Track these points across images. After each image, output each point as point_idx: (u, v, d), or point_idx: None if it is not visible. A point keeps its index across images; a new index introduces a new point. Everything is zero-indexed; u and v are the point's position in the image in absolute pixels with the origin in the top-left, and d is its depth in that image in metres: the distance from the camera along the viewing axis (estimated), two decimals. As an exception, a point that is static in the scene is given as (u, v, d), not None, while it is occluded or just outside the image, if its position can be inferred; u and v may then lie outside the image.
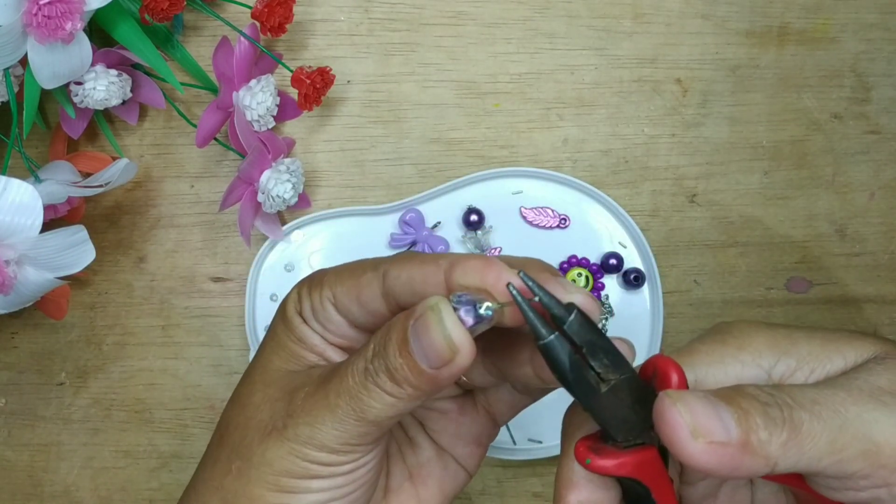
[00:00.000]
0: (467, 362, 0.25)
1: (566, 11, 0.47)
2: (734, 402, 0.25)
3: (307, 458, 0.27)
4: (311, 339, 0.30)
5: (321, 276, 0.30)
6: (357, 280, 0.29)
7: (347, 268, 0.30)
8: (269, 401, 0.29)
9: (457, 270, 0.26)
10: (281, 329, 0.30)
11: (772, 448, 0.25)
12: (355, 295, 0.29)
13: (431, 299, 0.26)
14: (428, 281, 0.27)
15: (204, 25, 0.47)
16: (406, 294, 0.27)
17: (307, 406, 0.28)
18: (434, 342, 0.25)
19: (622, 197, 0.47)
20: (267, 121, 0.44)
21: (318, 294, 0.29)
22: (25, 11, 0.35)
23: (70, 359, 0.48)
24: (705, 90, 0.48)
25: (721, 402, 0.25)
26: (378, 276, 0.28)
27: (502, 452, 0.46)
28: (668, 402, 0.25)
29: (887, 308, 0.48)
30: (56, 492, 0.47)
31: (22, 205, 0.36)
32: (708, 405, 0.25)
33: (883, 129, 0.48)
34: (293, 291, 0.31)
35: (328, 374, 0.28)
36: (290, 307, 0.30)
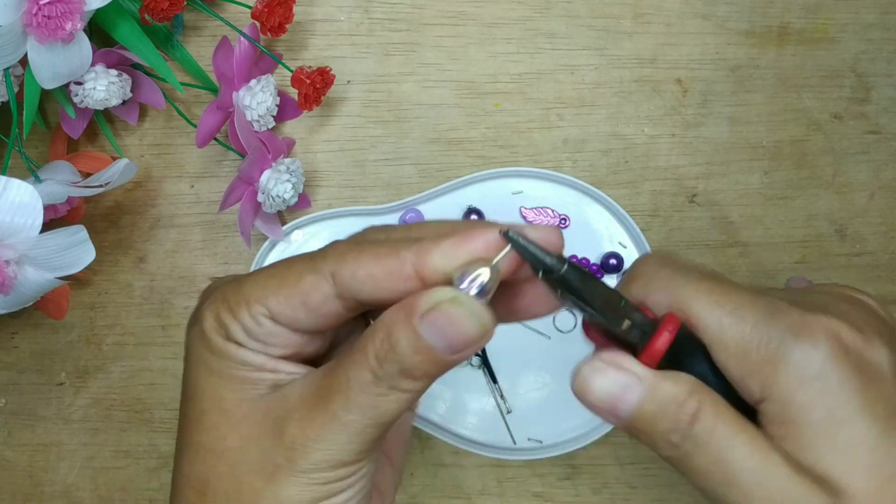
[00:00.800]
0: (492, 335, 0.25)
1: (566, 11, 0.47)
2: None
3: (328, 481, 0.27)
4: (255, 360, 0.27)
5: (239, 292, 0.27)
6: (296, 286, 0.27)
7: (273, 275, 0.27)
8: (250, 440, 0.27)
9: (433, 257, 0.25)
10: (216, 361, 0.28)
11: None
12: (299, 302, 0.27)
13: (440, 292, 0.25)
14: (393, 276, 0.25)
15: (204, 25, 0.47)
16: (367, 292, 0.26)
17: (312, 433, 0.26)
18: (466, 332, 0.25)
19: (622, 197, 0.47)
20: (267, 121, 0.44)
21: (244, 312, 0.27)
22: (25, 11, 0.35)
23: (70, 359, 0.48)
24: (705, 90, 0.48)
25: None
26: (323, 277, 0.26)
27: (502, 452, 0.46)
28: (583, 368, 0.27)
29: (887, 308, 0.48)
30: (56, 492, 0.47)
31: (22, 205, 0.36)
32: (611, 391, 0.27)
33: (883, 129, 0.48)
34: (206, 318, 0.28)
35: (319, 393, 0.26)
36: (213, 336, 0.27)
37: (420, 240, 0.26)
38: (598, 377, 0.27)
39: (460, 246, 0.25)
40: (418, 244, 0.26)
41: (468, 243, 0.25)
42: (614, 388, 0.27)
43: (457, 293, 0.25)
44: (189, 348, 0.29)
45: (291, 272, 0.27)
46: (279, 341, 0.27)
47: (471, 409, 0.46)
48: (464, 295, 0.25)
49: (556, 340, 0.46)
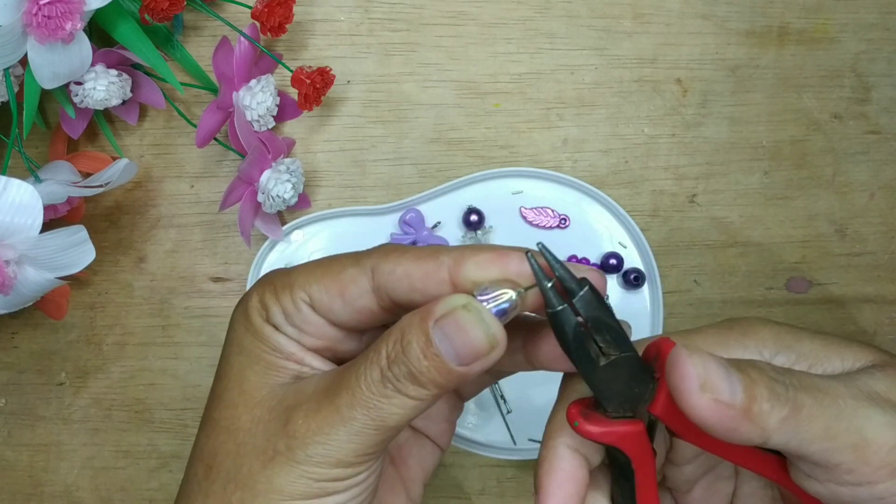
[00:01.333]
0: (501, 354, 0.26)
1: (566, 11, 0.47)
2: (745, 371, 0.26)
3: (322, 478, 0.27)
4: (286, 347, 0.28)
5: (286, 278, 0.29)
6: (337, 276, 0.28)
7: (319, 265, 0.28)
8: (260, 423, 0.28)
9: (468, 266, 0.26)
10: (249, 341, 0.29)
11: (771, 420, 0.25)
12: (338, 292, 0.27)
13: (457, 298, 0.25)
14: (429, 278, 0.26)
15: (204, 25, 0.47)
16: (402, 290, 0.27)
17: (314, 425, 0.26)
18: (472, 340, 0.25)
19: (622, 197, 0.47)
20: (267, 121, 0.44)
21: (287, 296, 0.28)
22: (25, 11, 0.35)
23: (70, 359, 0.48)
24: (705, 90, 0.48)
25: (732, 367, 0.25)
26: (364, 271, 0.27)
27: (502, 452, 0.46)
28: (685, 353, 0.25)
29: (887, 308, 0.48)
30: (56, 492, 0.47)
31: (22, 205, 0.36)
32: (720, 366, 0.25)
33: (883, 129, 0.48)
34: (252, 297, 0.29)
35: (330, 387, 0.27)
36: (254, 316, 0.29)
37: (461, 249, 0.26)
38: (710, 362, 0.25)
39: (495, 261, 0.26)
40: (459, 251, 0.26)
41: (503, 260, 0.26)
42: (722, 371, 0.25)
43: (470, 299, 0.25)
44: (230, 325, 0.30)
45: (336, 263, 0.28)
46: (314, 330, 0.28)
47: (471, 409, 0.46)
48: (477, 303, 0.25)
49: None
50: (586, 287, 0.26)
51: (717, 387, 0.25)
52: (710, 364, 0.25)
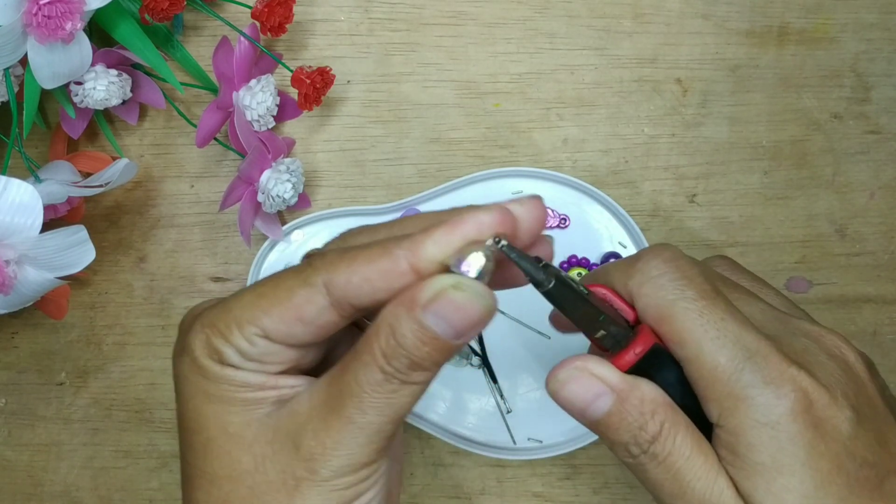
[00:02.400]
0: (495, 312, 0.26)
1: (566, 11, 0.47)
2: None
3: (351, 485, 0.26)
4: (254, 380, 0.27)
5: (227, 315, 0.27)
6: (289, 303, 0.26)
7: (262, 294, 0.27)
8: (267, 460, 0.27)
9: (427, 249, 0.25)
10: (214, 387, 0.27)
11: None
12: (294, 318, 0.26)
13: (442, 280, 0.25)
14: (389, 276, 0.25)
15: (204, 25, 0.47)
16: (364, 296, 0.26)
17: (329, 441, 0.26)
18: (472, 315, 0.25)
19: (622, 197, 0.47)
20: (267, 121, 0.44)
21: (237, 335, 0.27)
22: (25, 11, 0.35)
23: (70, 359, 0.48)
24: (705, 90, 0.48)
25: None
26: (316, 289, 0.26)
27: (502, 452, 0.46)
28: (560, 370, 0.29)
29: (887, 308, 0.48)
30: (56, 492, 0.47)
31: (22, 205, 0.36)
32: (584, 396, 0.29)
33: (883, 129, 0.48)
34: (195, 346, 0.27)
35: (328, 402, 0.26)
36: (207, 363, 0.27)
37: (409, 235, 0.26)
38: (572, 384, 0.29)
39: (452, 232, 0.25)
40: (409, 239, 0.25)
41: (460, 228, 0.25)
42: (587, 395, 0.29)
43: (459, 278, 0.25)
44: (181, 379, 0.28)
45: (280, 288, 0.26)
46: (276, 358, 0.27)
47: (471, 409, 0.46)
48: (465, 279, 0.25)
49: (556, 340, 0.46)
50: (553, 281, 0.27)
51: (564, 404, 0.29)
52: (573, 387, 0.29)
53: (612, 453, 0.30)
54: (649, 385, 0.29)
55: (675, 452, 0.28)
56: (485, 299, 0.25)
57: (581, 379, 0.29)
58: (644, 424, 0.28)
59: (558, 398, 0.29)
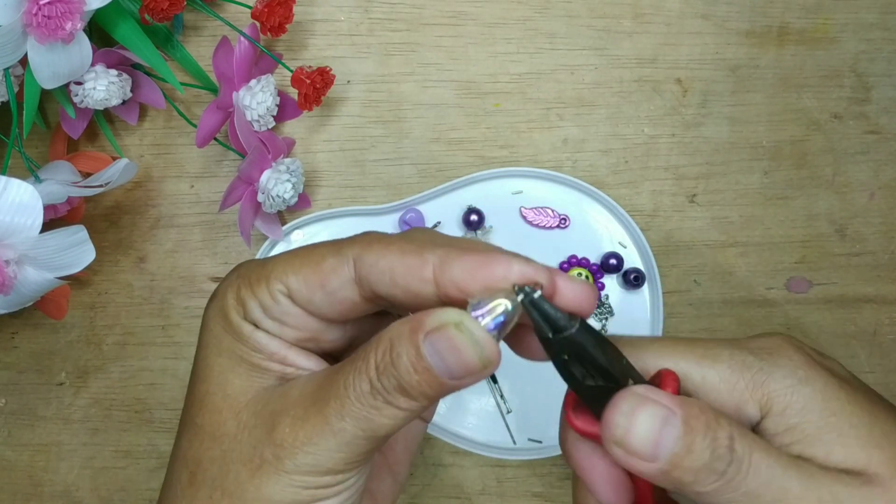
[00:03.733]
0: (496, 369, 0.25)
1: (566, 11, 0.47)
2: (687, 435, 0.26)
3: (311, 486, 0.26)
4: (268, 345, 0.27)
5: (262, 269, 0.27)
6: (317, 267, 0.27)
7: (297, 255, 0.27)
8: (246, 429, 0.27)
9: (453, 268, 0.25)
10: (229, 341, 0.27)
11: (688, 486, 0.26)
12: (318, 283, 0.26)
13: (449, 314, 0.24)
14: (412, 274, 0.25)
15: (204, 25, 0.47)
16: (384, 284, 0.26)
17: (302, 434, 0.26)
18: (464, 360, 0.24)
19: (622, 197, 0.47)
20: (267, 121, 0.44)
21: (264, 289, 0.27)
22: (25, 11, 0.35)
23: (70, 359, 0.48)
24: (705, 90, 0.48)
25: (676, 425, 0.26)
26: (345, 261, 0.26)
27: (502, 452, 0.46)
28: (622, 398, 0.26)
29: (887, 308, 0.48)
30: (56, 492, 0.47)
31: (22, 205, 0.36)
32: (652, 423, 0.25)
33: (883, 129, 0.48)
34: (227, 294, 0.28)
35: (316, 394, 0.26)
36: (231, 314, 0.27)
37: (450, 247, 0.25)
38: (639, 414, 0.26)
39: (482, 265, 0.24)
40: (445, 250, 0.25)
41: (489, 266, 0.24)
42: (656, 423, 0.26)
43: (463, 318, 0.24)
44: (204, 325, 0.28)
45: (315, 253, 0.27)
46: (295, 322, 0.27)
47: (471, 409, 0.46)
48: (471, 321, 0.24)
49: (556, 340, 0.46)
50: (577, 324, 0.25)
51: (636, 446, 0.25)
52: (642, 417, 0.25)
53: (691, 492, 0.26)
54: (695, 398, 0.27)
55: (756, 448, 0.26)
56: (483, 351, 0.24)
57: (645, 406, 0.26)
58: (716, 433, 0.26)
59: (628, 442, 0.26)
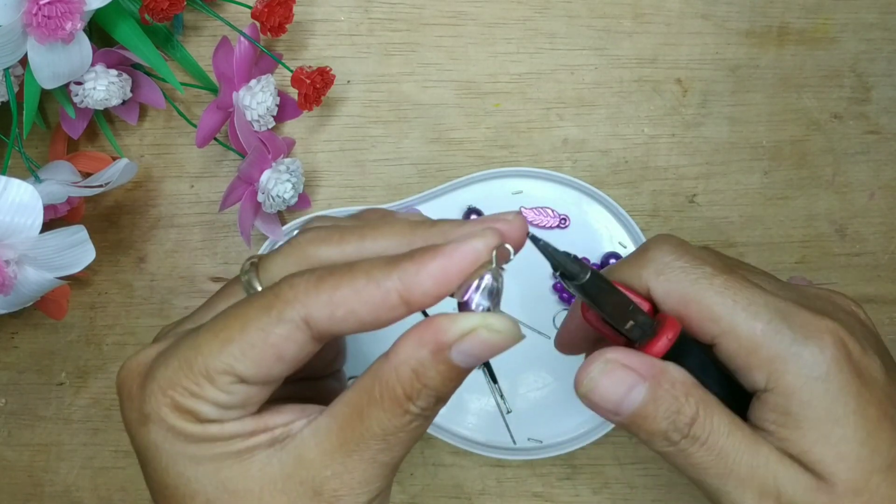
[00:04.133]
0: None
1: (566, 11, 0.47)
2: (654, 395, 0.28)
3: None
4: (241, 428, 0.25)
5: (188, 367, 0.24)
6: (265, 344, 0.24)
7: (227, 339, 0.24)
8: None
9: (423, 284, 0.23)
10: (197, 449, 0.25)
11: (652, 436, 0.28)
12: (273, 358, 0.24)
13: (471, 320, 0.24)
14: (378, 308, 0.24)
15: (204, 25, 0.47)
16: (349, 326, 0.24)
17: (355, 481, 0.25)
18: (501, 348, 0.24)
19: (622, 197, 0.47)
20: (267, 121, 0.44)
21: (208, 388, 0.24)
22: (25, 11, 0.35)
23: (70, 359, 0.48)
24: (705, 90, 0.48)
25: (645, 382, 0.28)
26: (295, 325, 0.24)
27: (502, 452, 0.46)
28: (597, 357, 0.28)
29: (887, 308, 0.48)
30: (56, 492, 0.47)
31: (22, 205, 0.36)
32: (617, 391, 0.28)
33: (883, 129, 0.48)
34: (163, 411, 0.25)
35: (348, 445, 0.25)
36: (180, 425, 0.25)
37: (395, 262, 0.24)
38: (605, 379, 0.28)
39: (450, 268, 0.24)
40: (399, 269, 0.24)
41: (458, 264, 0.24)
42: (621, 388, 0.28)
43: (485, 317, 0.24)
44: (153, 450, 0.25)
45: (251, 328, 0.24)
46: (257, 399, 0.25)
47: (471, 409, 0.46)
48: (492, 318, 0.24)
49: (556, 340, 0.46)
50: (588, 274, 0.27)
51: (599, 403, 0.28)
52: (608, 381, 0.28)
53: (648, 446, 0.29)
54: (677, 368, 0.28)
55: (715, 430, 0.28)
56: (515, 333, 0.24)
57: (614, 372, 0.28)
58: (680, 408, 0.28)
59: (591, 398, 0.28)
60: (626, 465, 0.47)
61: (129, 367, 0.26)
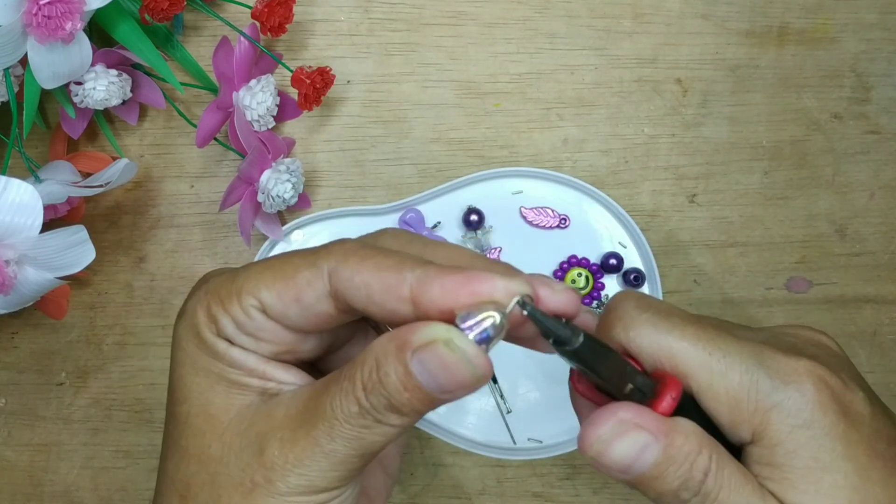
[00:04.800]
0: (488, 381, 0.25)
1: (566, 11, 0.47)
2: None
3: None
4: (245, 362, 0.27)
5: (231, 284, 0.26)
6: (291, 280, 0.26)
7: (269, 267, 0.26)
8: (231, 451, 0.26)
9: (433, 289, 0.24)
10: (205, 360, 0.27)
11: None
12: (293, 297, 0.26)
13: (437, 330, 0.23)
14: (389, 293, 0.24)
15: (204, 25, 0.47)
16: (360, 300, 0.25)
17: (293, 456, 0.25)
18: (455, 375, 0.24)
19: (622, 197, 0.47)
20: (267, 121, 0.44)
21: (236, 305, 0.26)
22: (25, 11, 0.35)
23: (70, 359, 0.48)
24: (705, 90, 0.48)
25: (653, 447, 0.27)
26: (320, 274, 0.25)
27: (502, 452, 0.46)
28: (603, 425, 0.27)
29: (887, 308, 0.48)
30: (56, 492, 0.47)
31: (22, 205, 0.36)
32: (630, 451, 0.27)
33: (883, 129, 0.48)
34: (197, 312, 0.27)
35: (303, 415, 0.25)
36: (204, 332, 0.27)
37: (429, 263, 0.24)
38: (618, 440, 0.27)
39: (462, 287, 0.24)
40: (424, 269, 0.24)
41: (472, 286, 0.24)
42: (634, 449, 0.27)
43: (452, 334, 0.23)
44: (177, 343, 0.27)
45: (289, 265, 0.26)
46: (270, 337, 0.27)
47: (471, 409, 0.46)
48: (460, 337, 0.23)
49: (556, 340, 0.46)
50: (581, 338, 0.25)
51: (609, 464, 0.27)
52: (622, 442, 0.27)
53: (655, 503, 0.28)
54: (687, 421, 0.27)
55: (725, 485, 0.27)
56: (474, 367, 0.24)
57: (627, 433, 0.26)
58: (693, 463, 0.27)
59: (602, 461, 0.27)
60: (626, 465, 0.47)
61: (206, 275, 0.29)
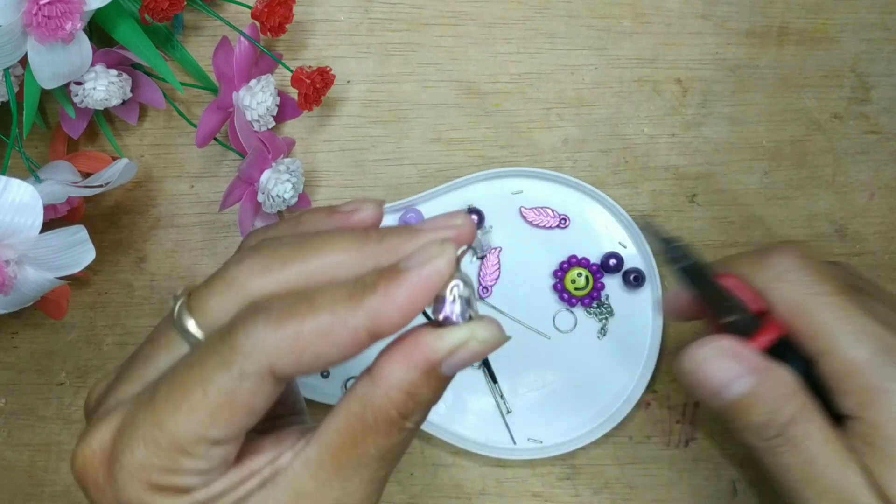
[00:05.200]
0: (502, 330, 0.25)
1: (566, 11, 0.47)
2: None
3: None
4: (230, 480, 0.25)
5: (156, 447, 0.23)
6: (232, 405, 0.23)
7: (190, 406, 0.23)
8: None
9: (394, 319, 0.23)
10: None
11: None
12: (245, 415, 0.24)
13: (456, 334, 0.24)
14: (348, 349, 0.23)
15: (204, 25, 0.47)
16: (317, 368, 0.23)
17: (356, 499, 0.25)
18: (487, 352, 0.24)
19: (622, 197, 0.47)
20: (267, 121, 0.44)
21: (185, 460, 0.24)
22: (25, 11, 0.35)
23: (70, 359, 0.48)
24: (705, 90, 0.48)
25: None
26: (261, 378, 0.23)
27: (502, 452, 0.46)
28: (702, 349, 0.30)
29: (887, 308, 0.48)
30: (56, 492, 0.47)
31: (22, 205, 0.36)
32: (722, 377, 0.29)
33: (883, 129, 0.48)
34: (136, 493, 0.24)
35: (344, 471, 0.25)
36: (164, 500, 0.24)
37: (359, 297, 0.23)
38: (711, 363, 0.29)
39: (417, 297, 0.23)
40: (365, 307, 0.23)
41: (424, 290, 0.23)
42: (727, 375, 0.29)
43: (472, 329, 0.24)
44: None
45: (214, 390, 0.23)
46: (235, 451, 0.25)
47: (471, 409, 0.46)
48: (480, 327, 0.24)
49: (556, 340, 0.46)
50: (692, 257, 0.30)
51: (701, 385, 0.30)
52: (715, 365, 0.29)
53: (739, 436, 0.30)
54: (785, 369, 0.29)
55: (810, 437, 0.28)
56: (501, 336, 0.24)
57: (722, 360, 0.29)
58: (781, 407, 0.28)
59: (694, 376, 0.30)
60: (626, 465, 0.47)
61: (84, 456, 0.25)
